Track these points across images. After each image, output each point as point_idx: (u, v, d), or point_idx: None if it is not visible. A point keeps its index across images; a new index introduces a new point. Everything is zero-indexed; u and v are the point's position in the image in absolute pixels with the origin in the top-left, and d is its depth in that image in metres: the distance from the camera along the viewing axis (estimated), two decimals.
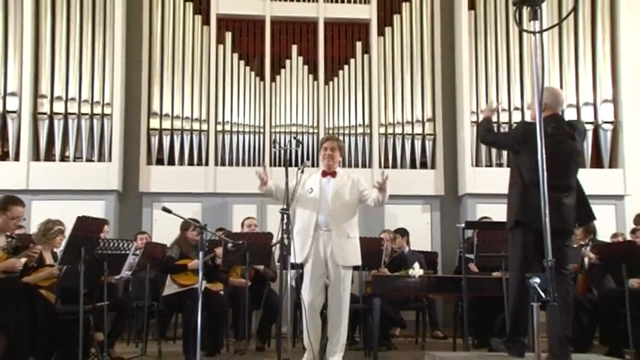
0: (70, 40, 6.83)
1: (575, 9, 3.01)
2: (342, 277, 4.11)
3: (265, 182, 4.06)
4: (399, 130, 7.21)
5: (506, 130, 6.82)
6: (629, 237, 5.53)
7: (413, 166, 7.21)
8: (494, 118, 7.05)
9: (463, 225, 4.98)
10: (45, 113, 6.70)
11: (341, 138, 6.86)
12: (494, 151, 6.97)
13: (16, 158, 6.63)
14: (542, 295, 2.25)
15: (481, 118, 3.96)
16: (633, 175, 7.01)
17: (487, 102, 7.08)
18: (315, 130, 7.11)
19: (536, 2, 2.40)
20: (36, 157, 6.71)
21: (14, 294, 3.34)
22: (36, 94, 6.72)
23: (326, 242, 4.08)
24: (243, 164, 7.00)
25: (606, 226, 6.14)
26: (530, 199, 3.28)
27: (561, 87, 7.03)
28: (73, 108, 6.72)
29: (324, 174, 4.21)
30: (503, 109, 7.01)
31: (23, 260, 3.67)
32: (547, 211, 2.45)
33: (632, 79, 7.20)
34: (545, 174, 3.15)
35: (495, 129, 3.93)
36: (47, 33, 6.80)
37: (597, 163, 7.12)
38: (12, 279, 3.50)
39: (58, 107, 6.72)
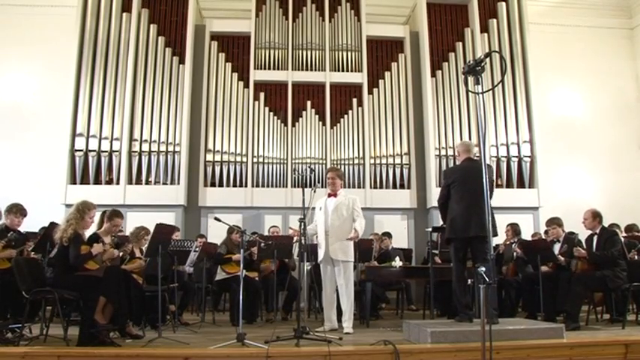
0: (155, 101, 7.03)
1: (502, 79, 3.15)
2: (340, 268, 4.05)
3: (297, 234, 3.86)
4: (384, 161, 7.27)
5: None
6: (543, 236, 5.55)
7: (394, 186, 7.25)
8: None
9: (430, 229, 5.01)
10: (136, 151, 6.87)
11: (342, 167, 7.02)
12: None
13: (118, 182, 6.79)
14: (487, 279, 2.24)
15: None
16: (543, 194, 7.10)
17: (446, 142, 7.17)
18: (324, 162, 7.18)
19: (478, 73, 2.49)
20: (130, 181, 6.82)
21: (117, 277, 3.40)
22: (131, 139, 6.90)
23: (327, 243, 4.09)
24: (272, 186, 7.07)
25: (527, 228, 6.25)
26: (454, 222, 3.61)
27: (495, 131, 7.19)
28: (154, 147, 6.89)
29: (329, 195, 4.24)
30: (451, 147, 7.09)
31: (120, 253, 3.83)
32: (490, 219, 2.51)
33: (541, 127, 7.31)
34: (466, 195, 3.29)
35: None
36: (139, 96, 7.00)
37: (520, 185, 7.16)
38: (115, 267, 3.62)
39: (145, 147, 6.88)
